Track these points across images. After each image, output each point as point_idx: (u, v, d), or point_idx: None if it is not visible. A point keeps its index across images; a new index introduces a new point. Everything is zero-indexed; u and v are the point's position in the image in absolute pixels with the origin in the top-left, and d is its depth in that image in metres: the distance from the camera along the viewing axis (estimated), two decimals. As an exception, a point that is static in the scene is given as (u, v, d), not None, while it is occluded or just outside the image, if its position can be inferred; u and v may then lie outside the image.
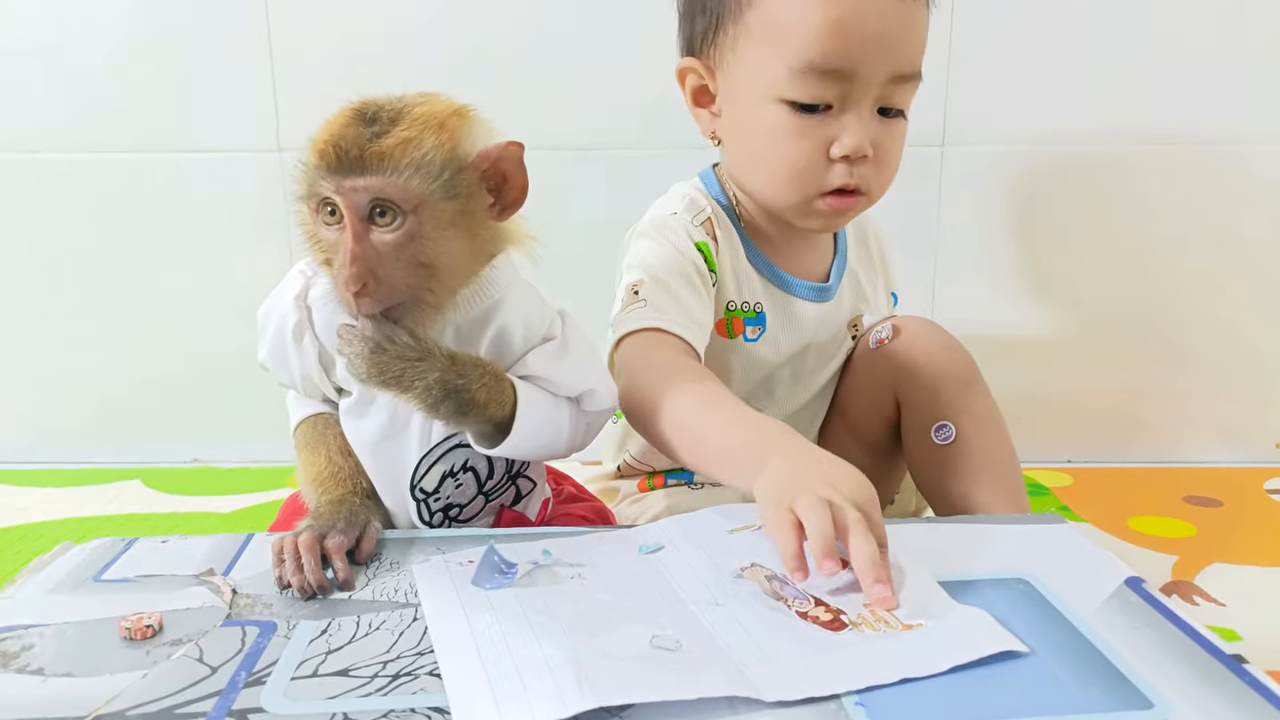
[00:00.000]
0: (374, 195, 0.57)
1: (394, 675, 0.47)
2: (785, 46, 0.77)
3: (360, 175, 0.56)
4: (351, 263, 0.57)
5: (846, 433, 0.92)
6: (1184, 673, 0.46)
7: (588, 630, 0.47)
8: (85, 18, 1.18)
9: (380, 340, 0.58)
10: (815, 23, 0.75)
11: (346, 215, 0.57)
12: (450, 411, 0.60)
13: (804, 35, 0.76)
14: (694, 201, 0.86)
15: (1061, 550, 0.60)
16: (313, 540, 0.58)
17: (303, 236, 0.64)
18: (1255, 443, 1.27)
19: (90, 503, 1.18)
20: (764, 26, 0.78)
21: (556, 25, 1.19)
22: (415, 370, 0.58)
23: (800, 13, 0.76)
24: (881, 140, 0.80)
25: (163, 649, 0.50)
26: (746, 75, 0.81)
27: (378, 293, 0.58)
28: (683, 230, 0.83)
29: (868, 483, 0.59)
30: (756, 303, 0.86)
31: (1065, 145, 1.20)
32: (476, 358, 0.62)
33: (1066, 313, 1.26)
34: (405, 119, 0.58)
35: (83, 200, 1.24)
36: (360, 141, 0.56)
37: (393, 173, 0.56)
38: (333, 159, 0.57)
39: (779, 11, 0.77)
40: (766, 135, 0.80)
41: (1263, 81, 1.18)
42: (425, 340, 0.59)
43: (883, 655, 0.46)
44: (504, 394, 0.62)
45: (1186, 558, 0.97)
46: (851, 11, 0.75)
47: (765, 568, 0.54)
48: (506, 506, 0.70)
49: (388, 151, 0.56)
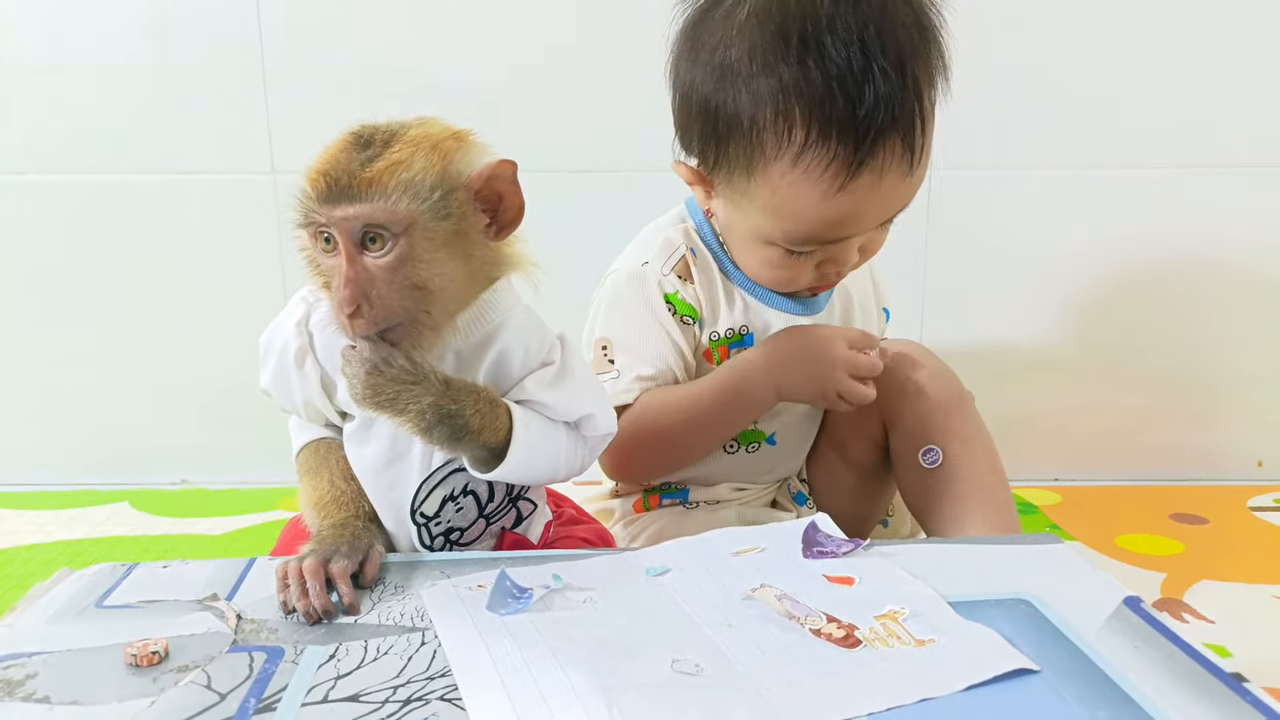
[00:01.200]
0: (364, 222, 0.57)
1: (405, 700, 0.47)
2: (786, 222, 0.78)
3: (350, 203, 0.57)
4: (345, 286, 0.57)
5: (835, 456, 0.93)
6: (1186, 692, 0.47)
7: (610, 657, 0.48)
8: (79, 38, 1.19)
9: (377, 363, 0.58)
10: (818, 216, 0.76)
11: (340, 241, 0.58)
12: (444, 436, 0.60)
13: (806, 221, 0.77)
14: (668, 243, 0.87)
15: (1059, 570, 0.61)
16: (317, 565, 0.58)
17: (303, 262, 0.64)
18: (1238, 461, 1.29)
19: (79, 525, 1.17)
20: (767, 200, 0.77)
21: (549, 48, 1.20)
22: (410, 394, 0.59)
23: (805, 205, 0.76)
24: (870, 243, 0.83)
25: (169, 676, 0.50)
26: (745, 218, 0.81)
27: (371, 315, 0.58)
28: (655, 283, 0.85)
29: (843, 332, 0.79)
30: (742, 326, 0.87)
31: (1053, 169, 1.23)
32: (472, 384, 0.62)
33: (1054, 334, 1.27)
34: (398, 142, 0.59)
35: (73, 221, 1.24)
36: (350, 169, 0.57)
37: (381, 197, 0.57)
38: (324, 189, 0.57)
39: (783, 197, 0.76)
40: (756, 256, 0.84)
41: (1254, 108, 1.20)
42: (421, 365, 0.60)
43: (900, 675, 0.47)
44: (499, 420, 0.62)
45: (1175, 575, 0.99)
46: (855, 206, 0.76)
47: (774, 587, 0.54)
48: (508, 529, 0.70)
49: (376, 176, 0.57)
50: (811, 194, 0.75)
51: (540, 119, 1.20)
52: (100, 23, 1.18)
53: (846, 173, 0.73)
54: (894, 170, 0.75)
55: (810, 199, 0.75)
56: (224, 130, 1.21)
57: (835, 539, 0.63)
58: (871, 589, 0.56)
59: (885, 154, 0.73)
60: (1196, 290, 1.25)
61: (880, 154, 0.73)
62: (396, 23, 1.19)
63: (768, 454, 0.91)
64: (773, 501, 0.95)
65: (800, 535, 0.63)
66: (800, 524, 0.65)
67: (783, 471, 0.95)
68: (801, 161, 0.74)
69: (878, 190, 0.75)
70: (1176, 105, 1.20)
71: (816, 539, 0.63)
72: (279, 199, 1.23)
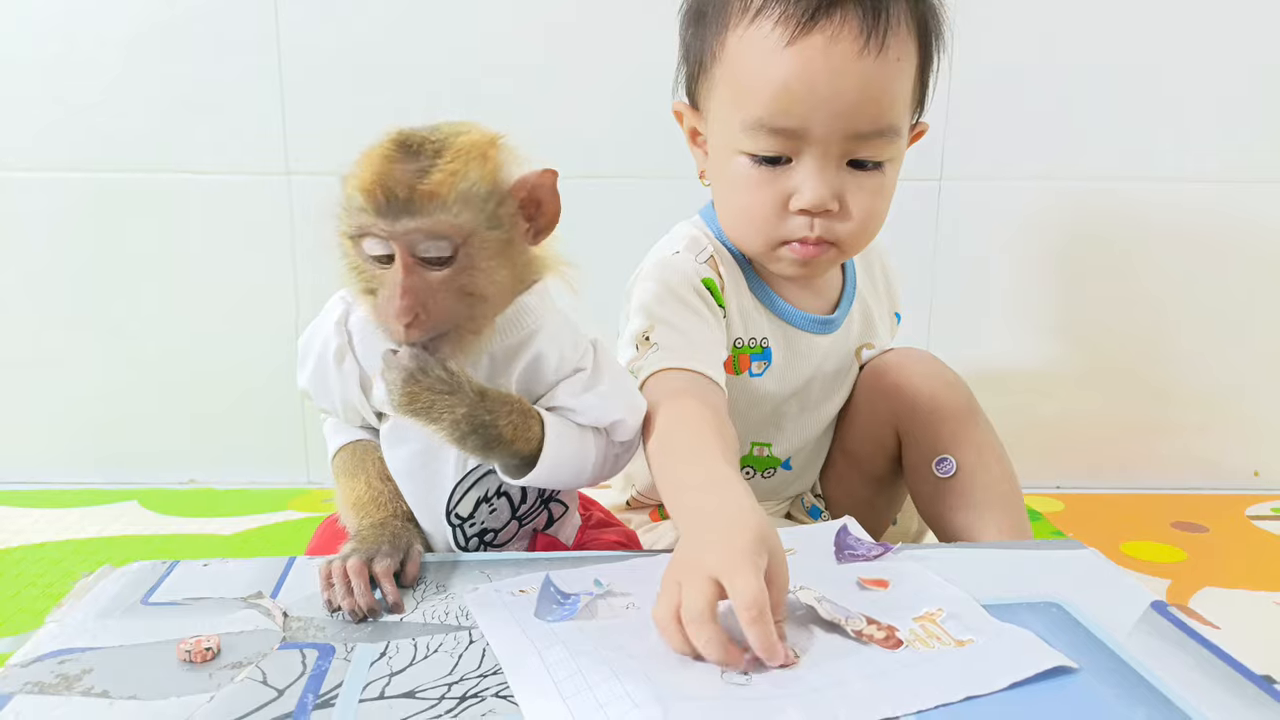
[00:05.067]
0: (426, 234, 0.57)
1: (460, 697, 0.48)
2: (741, 102, 0.78)
3: (411, 216, 0.56)
4: (403, 296, 0.57)
5: (848, 466, 0.94)
6: (1220, 693, 0.48)
7: (662, 669, 0.49)
8: (94, 36, 1.19)
9: (414, 370, 0.59)
10: (763, 83, 0.75)
11: (398, 253, 0.57)
12: (476, 446, 0.61)
13: (754, 94, 0.76)
14: (695, 240, 0.86)
15: (1085, 575, 0.63)
16: (361, 564, 0.59)
17: (344, 267, 0.64)
18: (1236, 471, 1.32)
19: (89, 524, 1.17)
20: (726, 81, 0.79)
21: (565, 51, 1.21)
22: (444, 403, 0.59)
23: (754, 69, 0.76)
24: (849, 193, 0.79)
25: (224, 672, 0.51)
26: (716, 125, 0.82)
27: (426, 324, 0.58)
28: (689, 267, 0.83)
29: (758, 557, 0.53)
30: (763, 338, 0.87)
31: (1059, 181, 1.25)
32: (506, 394, 0.63)
33: (1058, 344, 1.30)
34: (448, 151, 0.58)
35: (84, 220, 1.24)
36: (408, 180, 0.56)
37: (441, 210, 0.57)
38: (382, 201, 0.56)
39: (737, 68, 0.78)
40: (732, 184, 0.81)
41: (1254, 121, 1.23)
42: (458, 374, 0.60)
43: (945, 674, 0.48)
44: (531, 430, 0.63)
45: (1179, 582, 1.01)
46: (797, 74, 0.74)
47: (813, 589, 0.55)
48: (540, 531, 0.71)
49: (435, 189, 0.57)
50: (762, 49, 0.75)
51: (559, 120, 1.21)
52: (116, 22, 1.18)
53: (796, 26, 0.74)
54: (847, 40, 0.74)
55: (760, 55, 0.75)
56: (239, 131, 1.22)
57: (865, 543, 0.64)
58: (907, 592, 0.58)
59: (839, 16, 0.74)
60: (1196, 302, 1.28)
61: (835, 15, 0.73)
62: (414, 24, 1.20)
63: (784, 477, 0.92)
64: (786, 514, 0.96)
65: (831, 539, 0.65)
66: (830, 527, 0.66)
67: (797, 489, 0.96)
68: (757, 20, 0.76)
69: (827, 58, 0.74)
70: (1178, 118, 1.23)
71: (848, 543, 0.64)
72: (293, 200, 1.23)
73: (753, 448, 0.91)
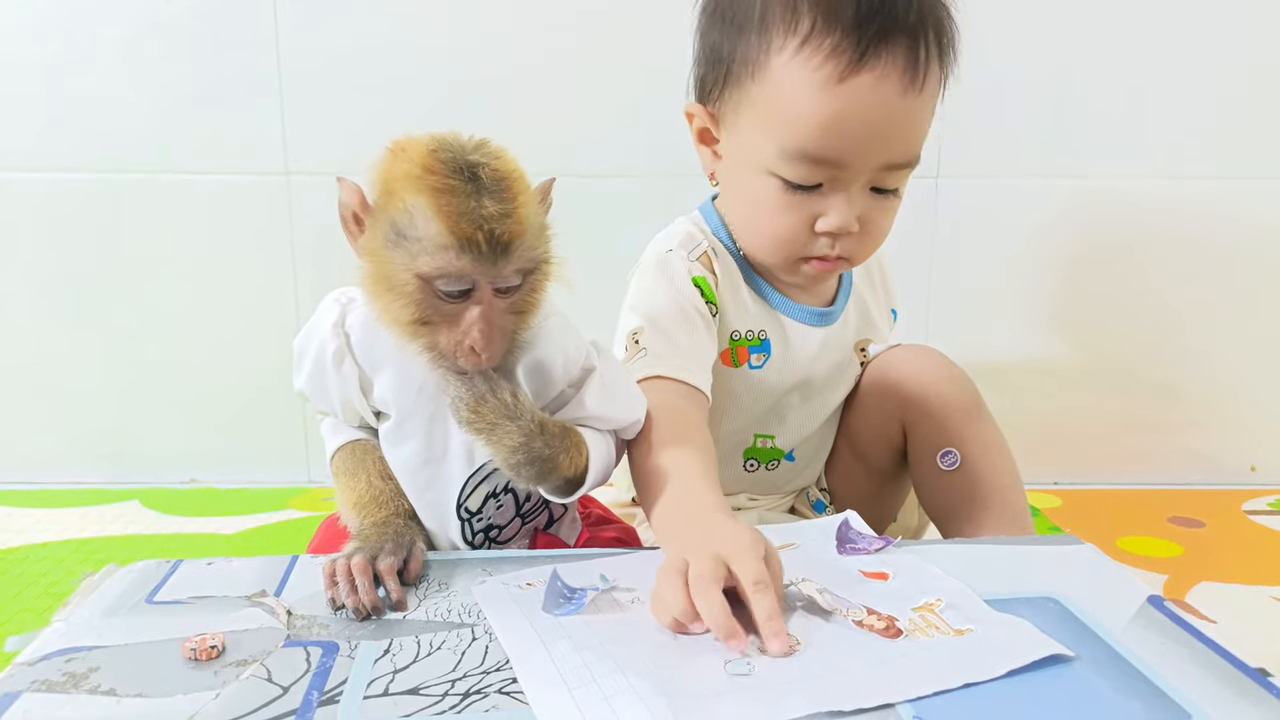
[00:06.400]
0: (515, 271, 0.59)
1: (464, 693, 0.49)
2: (782, 128, 0.77)
3: (507, 258, 0.57)
4: (487, 330, 0.58)
5: (854, 459, 0.95)
6: (1214, 685, 0.49)
7: (667, 664, 0.49)
8: (93, 36, 1.19)
9: (485, 393, 0.60)
10: (813, 114, 0.75)
11: (483, 290, 0.58)
12: (530, 475, 0.62)
13: (801, 123, 0.76)
14: (690, 236, 0.87)
15: (1083, 570, 0.63)
16: (365, 562, 0.59)
17: (385, 292, 0.60)
18: (1232, 466, 1.32)
19: (90, 524, 1.17)
20: (766, 102, 0.78)
21: (562, 52, 1.21)
22: (504, 429, 0.61)
23: (801, 101, 0.76)
24: (870, 215, 0.81)
25: (229, 669, 0.51)
26: (744, 141, 0.82)
27: (498, 350, 0.60)
28: (680, 267, 0.84)
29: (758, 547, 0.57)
30: (760, 330, 0.88)
31: (1056, 179, 1.25)
32: (561, 424, 0.64)
33: (1056, 341, 1.30)
34: (509, 184, 0.58)
35: (85, 221, 1.24)
36: (499, 223, 0.56)
37: (525, 247, 0.58)
38: (483, 249, 0.56)
39: (782, 93, 0.77)
40: (756, 202, 0.82)
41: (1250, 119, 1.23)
42: (522, 402, 0.61)
43: (944, 662, 0.49)
44: (582, 457, 0.65)
45: (1176, 577, 1.01)
46: (851, 109, 0.75)
47: (814, 581, 0.56)
48: (540, 530, 0.71)
49: (521, 228, 0.58)
50: (809, 84, 0.75)
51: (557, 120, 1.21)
52: (115, 21, 1.18)
53: (846, 64, 0.74)
54: (894, 80, 0.74)
55: (810, 88, 0.75)
56: (238, 131, 1.22)
57: (866, 536, 0.65)
58: (906, 583, 0.58)
59: (888, 56, 0.74)
60: (1193, 299, 1.29)
61: (883, 54, 0.74)
62: (414, 24, 1.20)
63: (787, 469, 0.93)
64: (790, 509, 0.97)
65: (832, 533, 0.65)
66: (832, 521, 0.67)
67: (801, 482, 0.97)
68: (804, 49, 0.75)
69: (876, 96, 0.74)
70: (1174, 116, 1.23)
71: (849, 536, 0.64)
72: (292, 200, 1.24)
73: (756, 439, 0.91)
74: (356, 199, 0.60)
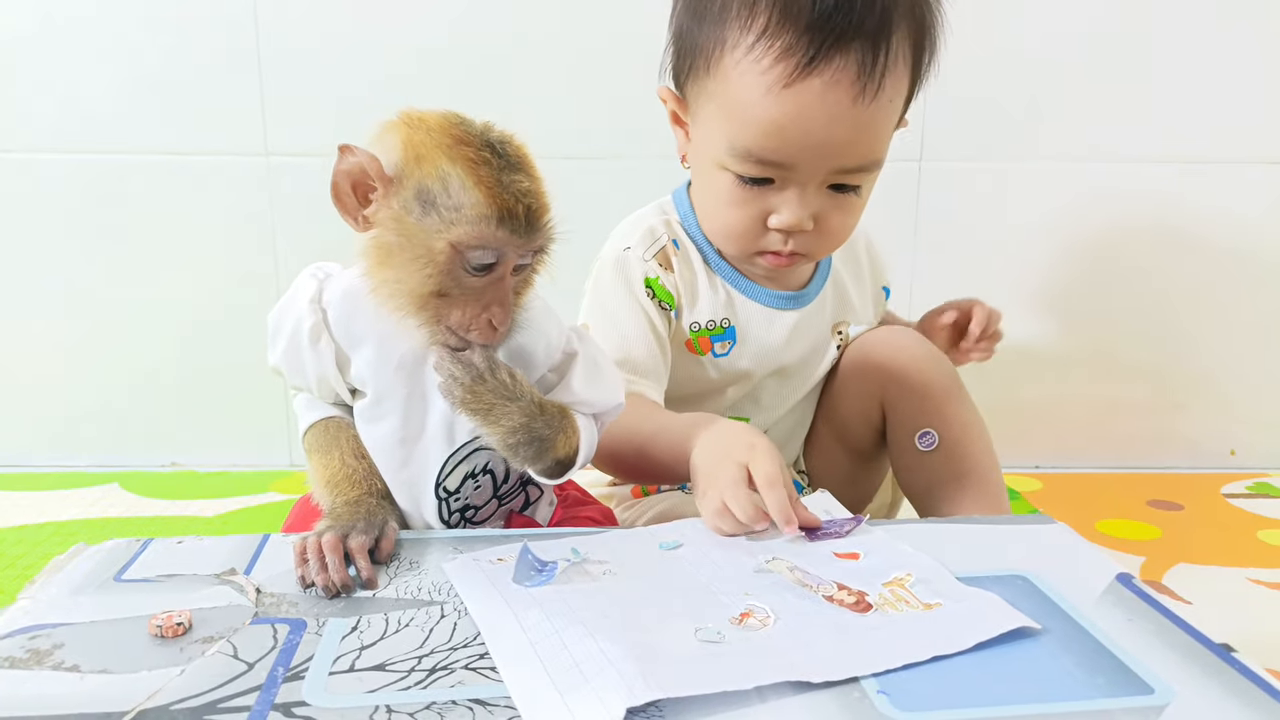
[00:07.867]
0: (536, 248, 0.60)
1: (430, 669, 0.49)
2: (731, 126, 0.77)
3: (538, 232, 0.59)
4: (507, 305, 0.60)
5: (833, 439, 0.95)
6: (1178, 660, 0.49)
7: (637, 627, 0.49)
8: (70, 17, 1.18)
9: (484, 371, 0.60)
10: (757, 116, 0.75)
11: (507, 266, 0.59)
12: (528, 456, 0.62)
13: (747, 124, 0.76)
14: (650, 231, 0.87)
15: (1053, 549, 0.63)
16: (335, 540, 0.59)
17: (404, 262, 0.59)
18: (1212, 450, 1.33)
19: (70, 506, 1.17)
20: (720, 98, 0.78)
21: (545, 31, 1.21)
22: (503, 409, 0.61)
23: (748, 101, 0.75)
24: (826, 213, 0.80)
25: (195, 646, 0.51)
26: (701, 133, 0.82)
27: (510, 328, 0.61)
28: (636, 269, 0.85)
29: (774, 451, 0.67)
30: (723, 319, 0.88)
31: (1039, 162, 1.25)
32: (559, 406, 0.64)
33: (1038, 325, 1.31)
34: (525, 160, 0.59)
35: (63, 202, 1.23)
36: (535, 198, 0.58)
37: (549, 224, 0.59)
38: (523, 221, 0.57)
39: (730, 91, 0.76)
40: (715, 194, 0.83)
41: (1231, 104, 1.24)
42: (521, 383, 0.61)
43: (913, 635, 0.49)
44: (575, 438, 0.65)
45: (1153, 559, 1.02)
46: (791, 117, 0.74)
47: (786, 559, 0.56)
48: (516, 512, 0.71)
49: (547, 202, 0.59)
50: (759, 84, 0.74)
51: (539, 102, 1.21)
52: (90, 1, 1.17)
53: (795, 68, 0.72)
54: (844, 87, 0.73)
55: (757, 90, 0.74)
56: (218, 111, 1.21)
57: (836, 520, 0.65)
58: (877, 560, 0.58)
59: (839, 62, 0.72)
60: (1174, 284, 1.29)
61: (835, 60, 0.72)
62: (393, 3, 1.19)
63: None
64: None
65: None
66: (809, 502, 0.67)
67: (779, 462, 0.97)
68: (757, 48, 0.74)
69: (823, 104, 0.73)
70: (1156, 101, 1.24)
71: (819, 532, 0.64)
72: (272, 181, 1.23)
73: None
74: (373, 166, 0.58)
